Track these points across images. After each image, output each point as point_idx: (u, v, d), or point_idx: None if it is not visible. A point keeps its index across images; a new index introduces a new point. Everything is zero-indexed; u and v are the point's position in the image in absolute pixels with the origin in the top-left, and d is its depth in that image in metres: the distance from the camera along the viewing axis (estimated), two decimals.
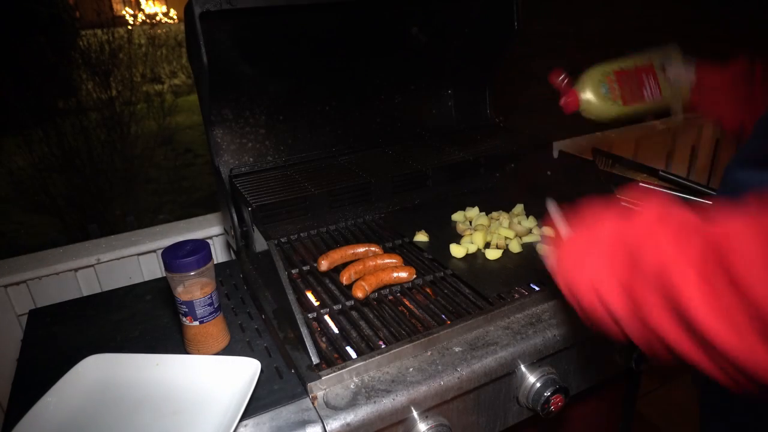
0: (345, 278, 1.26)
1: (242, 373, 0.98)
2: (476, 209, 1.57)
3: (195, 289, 1.04)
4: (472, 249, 1.39)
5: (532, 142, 1.72)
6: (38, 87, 5.40)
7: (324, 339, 1.11)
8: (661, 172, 1.89)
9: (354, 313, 1.18)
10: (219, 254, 1.90)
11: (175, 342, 1.15)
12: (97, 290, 1.70)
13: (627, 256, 0.67)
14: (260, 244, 1.18)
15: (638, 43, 1.33)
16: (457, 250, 1.37)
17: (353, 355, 1.03)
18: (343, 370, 0.96)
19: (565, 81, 1.26)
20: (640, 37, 1.17)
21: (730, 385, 0.58)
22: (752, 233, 0.55)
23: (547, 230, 0.85)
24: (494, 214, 1.55)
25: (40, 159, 5.46)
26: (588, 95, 1.24)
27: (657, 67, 1.21)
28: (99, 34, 6.12)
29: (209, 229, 1.83)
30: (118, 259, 1.71)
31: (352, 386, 0.96)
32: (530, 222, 1.49)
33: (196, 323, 1.06)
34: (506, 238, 1.42)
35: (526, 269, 1.30)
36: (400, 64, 1.70)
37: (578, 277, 0.73)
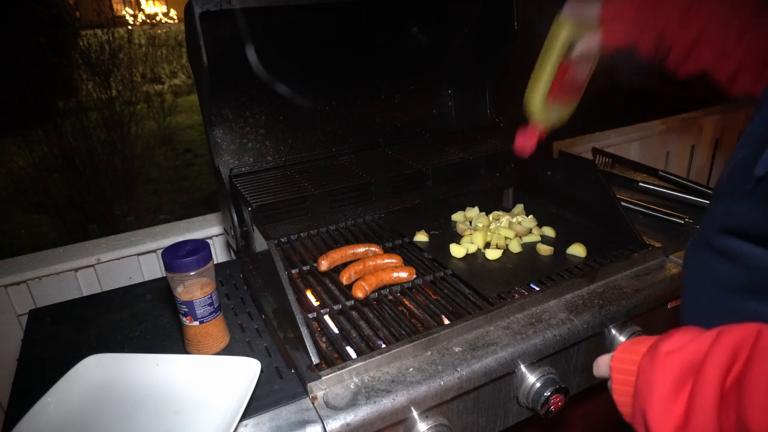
0: (345, 278, 1.26)
1: (242, 373, 0.98)
2: (476, 209, 1.57)
3: (195, 289, 1.04)
4: (472, 249, 1.39)
5: None
6: (38, 87, 5.40)
7: (324, 339, 1.11)
8: (661, 172, 1.90)
9: (354, 313, 1.18)
10: (219, 254, 1.90)
11: (175, 342, 1.15)
12: (97, 290, 1.70)
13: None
14: (260, 244, 1.18)
15: None
16: (457, 250, 1.37)
17: (353, 355, 1.04)
18: (343, 370, 0.96)
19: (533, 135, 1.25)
20: None
21: None
22: None
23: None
24: (494, 214, 1.55)
25: (41, 159, 5.47)
26: (547, 123, 1.23)
27: (571, 55, 1.12)
28: (99, 34, 6.13)
29: (209, 229, 1.83)
30: (118, 259, 1.71)
31: (352, 386, 0.96)
32: (530, 222, 1.49)
33: (196, 323, 1.06)
34: (506, 238, 1.42)
35: (526, 269, 1.30)
36: (400, 64, 1.70)
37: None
